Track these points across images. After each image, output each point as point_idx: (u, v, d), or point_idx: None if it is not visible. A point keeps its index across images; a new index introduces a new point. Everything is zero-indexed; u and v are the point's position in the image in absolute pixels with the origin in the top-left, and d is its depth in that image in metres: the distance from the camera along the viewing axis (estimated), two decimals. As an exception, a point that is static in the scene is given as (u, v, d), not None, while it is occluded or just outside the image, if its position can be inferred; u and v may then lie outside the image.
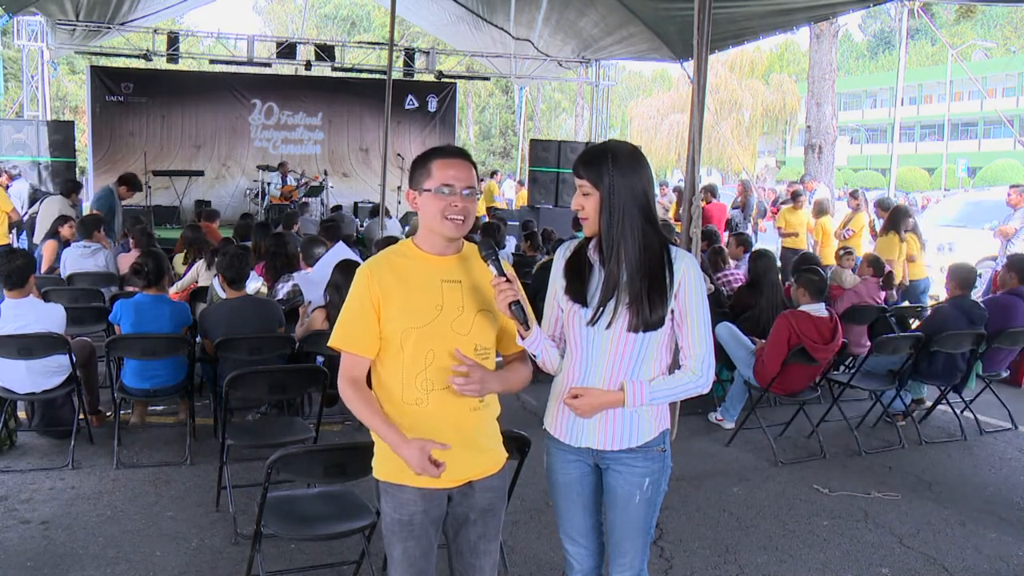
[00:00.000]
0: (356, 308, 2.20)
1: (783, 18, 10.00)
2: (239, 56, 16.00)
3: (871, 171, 44.32)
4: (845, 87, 44.70)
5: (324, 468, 2.87)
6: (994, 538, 4.04)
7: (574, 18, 13.57)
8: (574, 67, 16.98)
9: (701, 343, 2.25)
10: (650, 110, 39.11)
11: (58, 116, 27.13)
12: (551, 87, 38.48)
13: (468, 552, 2.31)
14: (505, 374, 2.28)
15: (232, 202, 16.35)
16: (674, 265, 2.24)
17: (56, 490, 4.22)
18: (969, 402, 5.80)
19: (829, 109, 15.71)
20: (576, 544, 2.45)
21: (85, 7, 12.92)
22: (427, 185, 2.17)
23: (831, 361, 5.33)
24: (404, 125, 17.88)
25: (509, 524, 3.75)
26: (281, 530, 2.97)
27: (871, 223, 9.93)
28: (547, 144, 15.59)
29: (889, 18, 50.30)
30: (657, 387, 2.25)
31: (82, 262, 7.05)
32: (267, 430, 4.39)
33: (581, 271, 2.30)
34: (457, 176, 2.17)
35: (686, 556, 3.72)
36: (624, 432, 2.30)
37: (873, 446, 5.35)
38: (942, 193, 26.16)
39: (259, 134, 17.59)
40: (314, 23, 40.86)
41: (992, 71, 42.74)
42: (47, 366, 4.61)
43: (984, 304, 5.82)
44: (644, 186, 2.24)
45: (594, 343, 2.26)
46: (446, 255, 2.24)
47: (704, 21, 5.04)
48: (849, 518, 4.21)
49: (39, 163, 12.71)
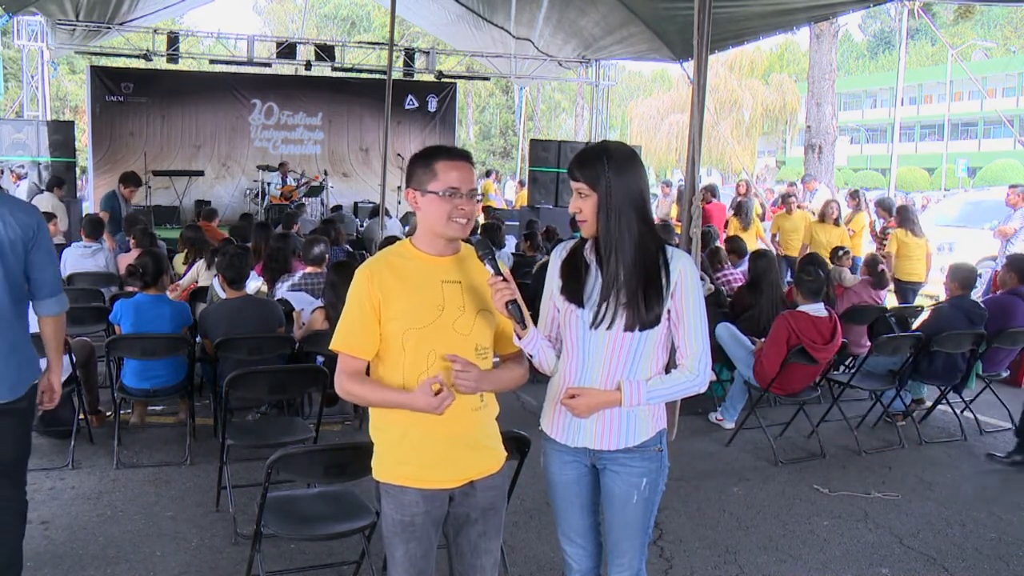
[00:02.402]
0: (355, 311, 2.19)
1: (783, 18, 9.99)
2: (239, 56, 16.00)
3: (871, 171, 44.31)
4: (845, 87, 44.70)
5: (324, 468, 2.87)
6: (994, 538, 4.04)
7: (574, 18, 13.57)
8: (574, 67, 16.98)
9: (697, 342, 2.26)
10: (650, 110, 39.06)
11: (58, 116, 27.13)
12: (551, 87, 38.47)
13: (469, 552, 2.31)
14: (498, 374, 2.27)
15: (232, 202, 16.35)
16: (670, 265, 2.24)
17: (56, 490, 4.22)
18: (969, 402, 5.80)
19: (829, 109, 15.71)
20: (574, 544, 2.45)
21: (85, 7, 12.92)
22: (432, 187, 2.16)
23: (831, 361, 5.32)
24: (404, 125, 17.87)
25: (509, 524, 3.75)
26: (281, 530, 2.97)
27: (871, 223, 9.93)
28: (547, 144, 15.59)
29: (889, 18, 50.31)
30: (654, 386, 2.25)
31: (82, 262, 7.05)
32: (267, 430, 4.39)
33: (578, 271, 2.30)
34: (462, 178, 2.16)
35: (686, 556, 3.72)
36: (621, 432, 2.30)
37: (873, 446, 5.35)
38: (942, 193, 26.15)
39: (259, 134, 17.58)
40: (314, 23, 40.84)
41: (992, 71, 42.74)
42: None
43: (984, 304, 5.82)
44: (640, 187, 2.25)
45: (591, 343, 2.26)
46: (445, 255, 2.24)
47: (704, 21, 5.04)
48: (849, 518, 4.21)
49: (39, 163, 12.72)
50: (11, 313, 2.81)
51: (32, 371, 2.91)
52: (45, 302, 2.94)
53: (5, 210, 2.79)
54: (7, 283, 2.78)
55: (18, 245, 2.79)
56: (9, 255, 2.77)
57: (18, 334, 2.85)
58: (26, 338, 2.91)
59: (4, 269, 2.77)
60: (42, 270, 2.89)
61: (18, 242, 2.79)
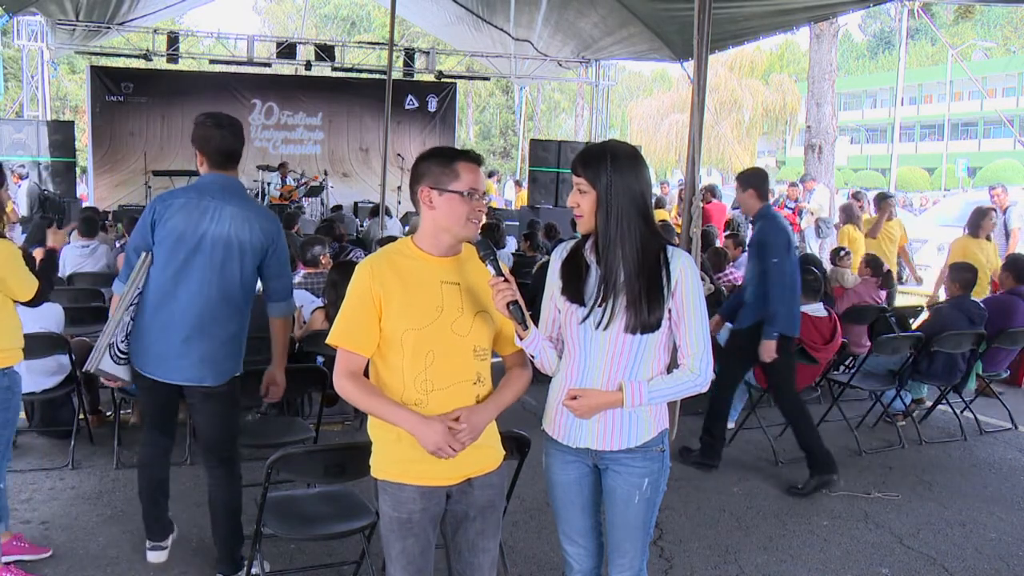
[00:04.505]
0: (356, 305, 2.19)
1: (783, 18, 9.99)
2: (239, 56, 16.01)
3: (871, 171, 44.31)
4: (845, 87, 44.67)
5: (324, 468, 2.86)
6: (994, 538, 4.04)
7: (574, 18, 13.57)
8: (574, 67, 16.98)
9: (699, 342, 2.26)
10: (650, 110, 39.06)
11: (58, 116, 27.12)
12: (551, 87, 38.44)
13: (467, 550, 2.31)
14: (498, 396, 2.27)
15: (232, 202, 16.33)
16: (671, 264, 2.24)
17: (56, 490, 4.23)
18: (969, 402, 5.80)
19: (829, 109, 15.69)
20: (575, 544, 2.45)
21: (85, 7, 12.93)
22: (455, 187, 2.18)
23: (831, 361, 5.32)
24: (404, 125, 17.87)
25: (509, 524, 3.75)
26: (281, 530, 2.97)
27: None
28: (547, 144, 15.59)
29: (889, 18, 50.30)
30: (656, 387, 2.25)
31: (82, 262, 7.05)
32: (267, 430, 4.38)
33: (578, 271, 2.30)
34: (478, 181, 2.22)
35: (686, 556, 3.72)
36: (623, 432, 2.29)
37: (873, 446, 5.35)
38: (942, 193, 26.16)
39: (259, 134, 17.58)
40: (314, 23, 40.84)
41: (992, 71, 42.71)
42: (47, 366, 4.60)
43: (984, 304, 5.82)
44: (642, 188, 2.25)
45: (592, 344, 2.26)
46: (446, 256, 2.25)
47: (704, 21, 5.04)
48: (849, 518, 4.21)
49: (39, 163, 12.72)
50: (237, 309, 3.19)
51: (237, 364, 3.25)
52: (276, 304, 3.32)
53: (252, 215, 3.17)
54: (241, 282, 3.15)
55: (258, 250, 3.16)
56: (248, 257, 3.15)
57: (239, 329, 3.22)
58: (242, 336, 3.25)
59: (241, 270, 3.14)
60: (277, 277, 3.28)
61: (259, 247, 3.16)
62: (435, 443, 2.10)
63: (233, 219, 3.12)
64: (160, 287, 3.10)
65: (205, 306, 3.10)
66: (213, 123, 3.26)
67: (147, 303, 3.12)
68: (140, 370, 3.16)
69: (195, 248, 3.08)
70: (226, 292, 3.13)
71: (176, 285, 3.09)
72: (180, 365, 3.10)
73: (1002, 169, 34.62)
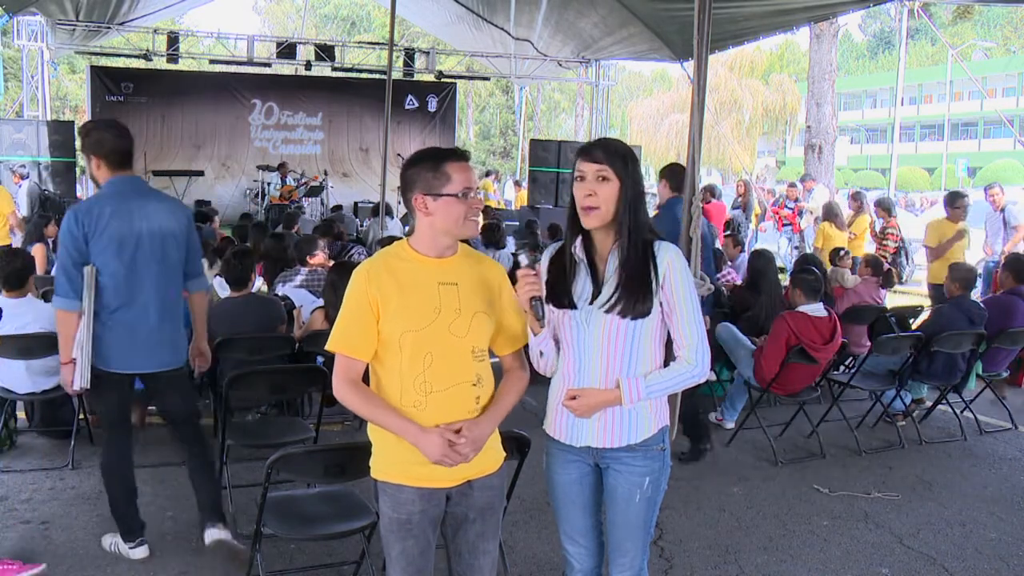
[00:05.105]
0: (354, 311, 2.20)
1: (783, 18, 10.00)
2: (239, 56, 16.02)
3: (871, 171, 44.32)
4: (845, 87, 44.67)
5: (324, 468, 2.86)
6: (994, 538, 4.04)
7: (574, 18, 13.58)
8: (574, 67, 16.99)
9: (693, 332, 2.26)
10: (650, 110, 39.05)
11: (58, 116, 27.12)
12: (551, 87, 38.45)
13: (467, 552, 2.31)
14: (499, 405, 2.27)
15: (232, 202, 16.35)
16: (657, 258, 2.25)
17: (56, 490, 4.22)
18: (969, 402, 5.80)
19: (829, 109, 15.71)
20: (576, 544, 2.45)
21: (85, 7, 12.93)
22: (448, 190, 2.17)
23: (831, 361, 5.32)
24: (404, 125, 17.89)
25: (509, 524, 3.75)
26: (281, 530, 2.97)
27: (871, 224, 9.93)
28: (547, 144, 15.60)
29: (889, 18, 50.31)
30: (653, 380, 2.26)
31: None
32: (267, 430, 4.39)
33: (567, 270, 2.32)
34: (471, 178, 2.21)
35: (686, 556, 3.72)
36: (623, 429, 2.30)
37: (873, 446, 5.34)
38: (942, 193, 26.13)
39: (259, 134, 17.60)
40: (314, 23, 40.85)
41: (992, 71, 42.72)
42: (47, 366, 4.59)
43: (984, 304, 5.82)
44: (643, 186, 2.31)
45: (585, 341, 2.28)
46: (444, 257, 2.25)
47: (704, 21, 5.03)
48: (849, 518, 4.21)
49: (39, 163, 12.73)
50: (180, 292, 3.48)
51: (186, 343, 3.59)
52: (195, 281, 3.57)
53: (170, 207, 3.44)
54: (178, 267, 3.42)
55: (182, 237, 3.41)
56: (179, 244, 3.40)
57: (183, 309, 3.56)
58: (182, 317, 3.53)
59: (176, 257, 3.39)
60: (194, 259, 3.53)
61: (182, 234, 3.41)
62: (434, 455, 2.12)
63: (158, 214, 3.35)
64: (115, 290, 3.27)
65: (162, 296, 3.35)
66: (103, 126, 3.50)
67: (104, 307, 3.27)
68: (107, 368, 3.30)
69: (136, 247, 3.28)
70: (172, 279, 3.40)
71: (132, 285, 3.28)
72: (153, 353, 3.35)
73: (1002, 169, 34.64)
